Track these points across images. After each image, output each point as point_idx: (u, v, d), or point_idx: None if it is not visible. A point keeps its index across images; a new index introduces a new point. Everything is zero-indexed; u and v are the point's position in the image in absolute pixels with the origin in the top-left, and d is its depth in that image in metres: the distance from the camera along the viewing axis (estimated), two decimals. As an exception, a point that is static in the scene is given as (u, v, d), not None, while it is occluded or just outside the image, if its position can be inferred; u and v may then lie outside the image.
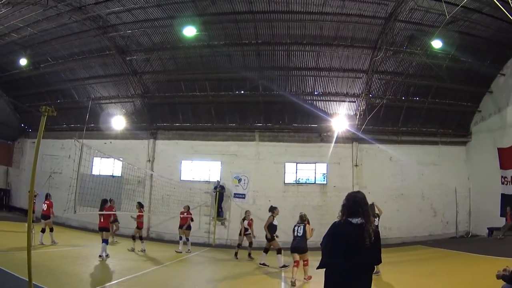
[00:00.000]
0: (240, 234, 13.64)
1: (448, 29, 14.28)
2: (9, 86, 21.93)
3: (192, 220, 14.67)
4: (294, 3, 14.46)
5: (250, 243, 13.39)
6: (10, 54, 19.18)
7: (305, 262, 9.07)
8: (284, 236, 16.46)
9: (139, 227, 13.82)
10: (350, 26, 15.51)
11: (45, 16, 15.86)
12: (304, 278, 8.96)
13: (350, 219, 3.29)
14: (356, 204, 3.35)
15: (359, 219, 3.27)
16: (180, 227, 14.33)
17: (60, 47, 18.63)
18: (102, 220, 11.73)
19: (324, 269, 3.36)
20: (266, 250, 11.51)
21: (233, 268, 11.13)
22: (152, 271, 9.82)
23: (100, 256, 10.81)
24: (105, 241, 11.33)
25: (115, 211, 13.57)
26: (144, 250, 13.28)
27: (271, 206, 11.93)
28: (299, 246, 9.09)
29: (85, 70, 19.49)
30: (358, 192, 3.54)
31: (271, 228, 11.37)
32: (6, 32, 17.24)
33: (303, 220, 9.51)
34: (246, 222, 13.41)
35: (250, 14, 15.17)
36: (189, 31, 15.45)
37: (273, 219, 11.42)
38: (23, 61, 18.58)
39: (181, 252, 13.85)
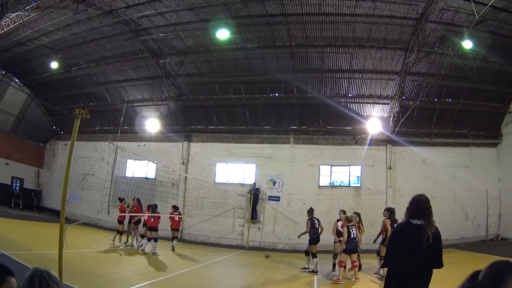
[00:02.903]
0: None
1: (478, 29, 14.15)
2: (40, 89, 22.32)
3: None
4: (326, 5, 14.41)
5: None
6: (41, 57, 19.48)
7: (356, 263, 9.55)
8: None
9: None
10: (382, 28, 15.45)
11: (75, 20, 16.07)
12: (356, 278, 9.37)
13: (411, 220, 3.37)
14: (418, 207, 3.49)
15: (419, 220, 3.36)
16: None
17: (92, 51, 18.87)
18: (152, 220, 12.50)
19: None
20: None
21: (266, 271, 11.14)
22: (184, 272, 9.89)
23: (154, 252, 11.98)
24: (155, 239, 12.31)
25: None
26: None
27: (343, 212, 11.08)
28: (356, 247, 9.58)
29: (117, 73, 19.73)
30: (422, 195, 3.63)
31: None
32: (36, 35, 17.53)
33: (350, 221, 9.77)
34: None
35: (283, 17, 15.19)
36: (223, 34, 15.51)
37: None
38: (54, 64, 18.81)
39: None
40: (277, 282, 9.39)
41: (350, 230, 9.49)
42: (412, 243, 3.30)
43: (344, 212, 10.97)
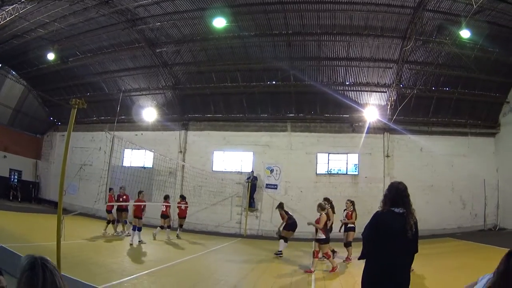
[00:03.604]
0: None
1: (476, 19, 14.13)
2: (37, 81, 22.25)
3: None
4: (324, -8, 14.49)
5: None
6: (37, 49, 19.38)
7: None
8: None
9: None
10: (379, 16, 15.41)
11: (71, 10, 16.02)
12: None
13: (393, 209, 3.29)
14: (397, 195, 3.38)
15: (401, 209, 3.27)
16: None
17: (88, 41, 18.83)
18: (134, 209, 12.61)
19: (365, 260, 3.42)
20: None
21: (263, 259, 11.03)
22: (182, 261, 9.85)
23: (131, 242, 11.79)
24: (135, 228, 12.18)
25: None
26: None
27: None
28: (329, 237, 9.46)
29: (114, 63, 19.71)
30: (400, 183, 3.52)
31: None
32: (32, 27, 17.46)
33: (323, 208, 9.41)
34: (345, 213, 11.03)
35: (280, 5, 15.17)
36: (219, 22, 15.50)
37: None
38: (50, 56, 18.71)
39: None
40: (275, 269, 9.32)
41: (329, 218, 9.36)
42: (396, 233, 3.21)
43: (327, 200, 10.79)
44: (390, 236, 3.21)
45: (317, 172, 18.35)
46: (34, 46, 19.20)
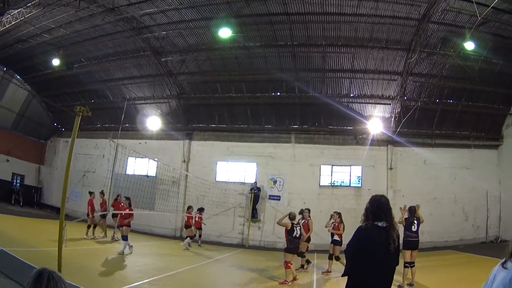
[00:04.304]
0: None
1: (480, 31, 14.09)
2: (41, 86, 22.32)
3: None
4: (329, 4, 14.42)
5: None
6: (42, 54, 19.46)
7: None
8: (317, 239, 16.63)
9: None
10: (384, 28, 15.43)
11: (77, 17, 16.05)
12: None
13: (376, 223, 3.26)
14: (379, 209, 3.31)
15: (384, 222, 3.25)
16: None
17: (94, 48, 18.88)
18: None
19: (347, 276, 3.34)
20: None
21: (265, 270, 11.06)
22: (184, 271, 9.83)
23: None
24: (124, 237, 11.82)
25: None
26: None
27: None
28: (298, 247, 9.54)
29: (119, 70, 19.77)
30: (382, 196, 3.47)
31: None
32: (38, 32, 17.50)
33: (293, 218, 9.30)
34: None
35: (285, 16, 15.19)
36: (225, 33, 15.51)
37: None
38: (55, 62, 18.73)
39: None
40: (278, 280, 9.31)
41: (294, 228, 9.13)
42: (380, 248, 3.15)
43: (308, 211, 11.24)
44: (374, 251, 3.17)
45: (320, 184, 18.38)
46: (39, 51, 19.27)
